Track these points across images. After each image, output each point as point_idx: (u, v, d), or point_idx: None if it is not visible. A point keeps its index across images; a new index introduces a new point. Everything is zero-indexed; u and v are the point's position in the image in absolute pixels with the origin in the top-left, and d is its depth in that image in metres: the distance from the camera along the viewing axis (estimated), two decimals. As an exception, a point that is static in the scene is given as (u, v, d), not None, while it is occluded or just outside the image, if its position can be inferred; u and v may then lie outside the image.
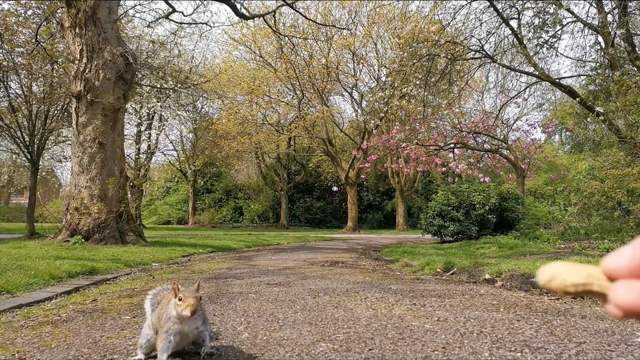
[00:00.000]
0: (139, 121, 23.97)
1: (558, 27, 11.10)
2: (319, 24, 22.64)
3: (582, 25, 11.78)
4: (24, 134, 14.25)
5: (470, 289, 4.79)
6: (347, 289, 4.71)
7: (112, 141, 10.10)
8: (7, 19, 13.50)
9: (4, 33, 13.18)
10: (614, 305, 0.30)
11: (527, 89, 15.65)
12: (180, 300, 2.18)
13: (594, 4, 11.51)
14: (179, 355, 2.43)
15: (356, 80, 29.58)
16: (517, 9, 11.04)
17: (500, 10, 11.06)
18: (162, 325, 2.25)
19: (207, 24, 14.24)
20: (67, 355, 2.49)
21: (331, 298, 4.17)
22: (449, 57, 11.85)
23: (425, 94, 13.42)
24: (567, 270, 0.34)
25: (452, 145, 16.02)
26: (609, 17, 11.20)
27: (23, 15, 13.79)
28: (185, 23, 14.53)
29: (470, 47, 11.93)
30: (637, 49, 10.99)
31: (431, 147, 15.63)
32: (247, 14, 13.38)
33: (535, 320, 3.24)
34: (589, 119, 11.75)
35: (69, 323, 3.27)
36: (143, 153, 27.04)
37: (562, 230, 13.17)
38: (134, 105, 20.15)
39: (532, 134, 17.50)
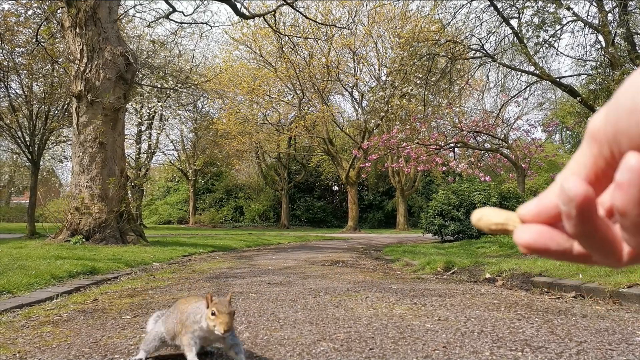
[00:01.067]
0: (140, 121, 23.96)
1: (558, 27, 11.09)
2: (319, 23, 22.62)
3: (582, 24, 11.76)
4: (24, 134, 14.25)
5: (471, 288, 4.79)
6: (348, 289, 4.71)
7: (112, 141, 10.11)
8: (8, 19, 13.50)
9: (5, 33, 13.18)
10: (515, 241, 0.38)
11: (528, 88, 15.60)
12: (213, 314, 2.05)
13: (594, 3, 11.49)
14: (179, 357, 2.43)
15: (356, 79, 29.59)
16: (517, 7, 11.03)
17: (501, 10, 11.05)
18: (187, 326, 2.17)
19: (207, 24, 14.24)
20: (68, 355, 2.49)
21: (332, 297, 4.18)
22: (449, 56, 11.84)
23: (426, 93, 13.40)
24: (492, 213, 0.42)
25: (452, 145, 16.01)
26: (610, 16, 11.18)
27: (23, 15, 13.80)
28: (185, 23, 14.53)
29: (471, 47, 11.91)
30: (637, 48, 10.98)
31: (432, 147, 15.62)
32: (247, 14, 13.38)
33: (536, 319, 3.24)
34: (589, 118, 11.74)
35: (70, 323, 3.27)
36: (144, 153, 27.06)
37: (563, 230, 13.14)
38: (134, 105, 20.17)
39: (533, 133, 17.46)
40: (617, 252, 0.34)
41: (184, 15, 13.76)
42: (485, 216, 0.42)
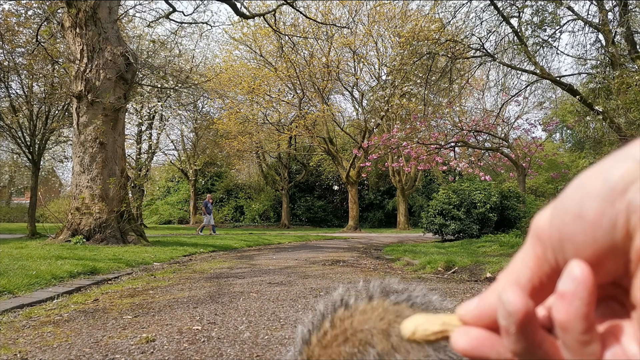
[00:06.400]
0: (140, 121, 23.97)
1: (557, 26, 11.08)
2: (319, 22, 22.62)
3: (582, 23, 11.75)
4: (25, 134, 14.26)
5: (472, 288, 4.79)
6: (349, 288, 4.71)
7: (113, 141, 10.11)
8: (8, 19, 13.50)
9: (5, 33, 13.18)
10: (452, 345, 0.33)
11: (528, 87, 15.58)
12: None
13: (594, 2, 11.48)
14: None
15: (357, 79, 29.57)
16: (517, 7, 11.02)
17: (501, 9, 11.04)
18: None
19: (207, 24, 14.22)
20: (69, 355, 2.50)
21: (332, 297, 4.17)
22: (449, 55, 11.83)
23: (426, 92, 13.39)
24: (426, 321, 0.37)
25: (452, 144, 16.01)
26: (610, 15, 11.17)
27: (24, 15, 13.80)
28: (185, 22, 14.52)
29: (471, 46, 11.90)
30: (637, 47, 10.97)
31: (432, 146, 15.62)
32: (248, 13, 13.37)
33: (537, 318, 3.24)
34: (589, 117, 11.73)
35: (71, 323, 3.28)
36: (144, 153, 27.05)
37: (564, 229, 13.14)
38: (134, 105, 20.16)
39: (533, 132, 17.43)
40: None
41: (184, 15, 13.76)
42: (419, 327, 0.37)
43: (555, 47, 11.87)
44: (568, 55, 13.22)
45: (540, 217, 0.32)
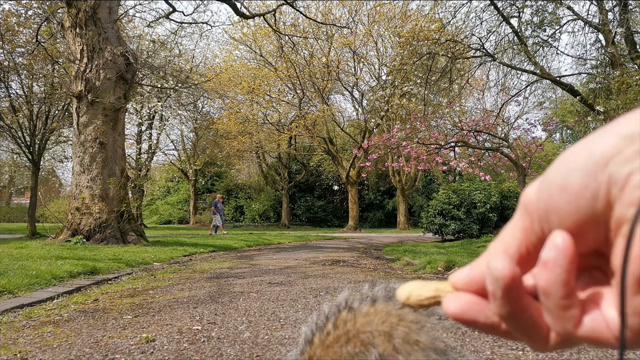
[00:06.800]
0: (140, 121, 23.97)
1: (557, 26, 11.09)
2: (319, 22, 22.62)
3: (582, 23, 11.75)
4: (25, 134, 14.26)
5: (472, 288, 4.79)
6: (349, 288, 4.71)
7: (113, 141, 10.11)
8: (8, 19, 13.50)
9: (5, 33, 13.18)
10: (443, 310, 0.36)
11: (528, 87, 15.58)
12: None
13: (594, 2, 11.48)
14: None
15: (357, 79, 29.57)
16: (517, 7, 11.02)
17: (501, 9, 11.03)
18: None
19: (207, 24, 14.22)
20: (69, 355, 2.50)
21: (333, 297, 4.18)
22: (449, 55, 11.82)
23: (426, 92, 13.39)
24: (420, 287, 0.38)
25: (452, 144, 15.99)
26: (610, 15, 11.18)
27: (24, 15, 13.79)
28: (185, 22, 14.52)
29: (471, 46, 11.89)
30: (637, 47, 10.97)
31: (432, 146, 15.60)
32: (248, 13, 13.37)
33: (537, 318, 3.23)
34: (589, 117, 11.74)
35: (71, 323, 3.28)
36: (144, 153, 27.05)
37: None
38: (134, 105, 20.15)
39: (533, 132, 17.42)
40: (542, 336, 0.33)
41: (184, 15, 13.75)
42: (414, 292, 0.39)
43: (555, 47, 11.88)
44: (568, 55, 13.21)
45: (528, 190, 0.34)
